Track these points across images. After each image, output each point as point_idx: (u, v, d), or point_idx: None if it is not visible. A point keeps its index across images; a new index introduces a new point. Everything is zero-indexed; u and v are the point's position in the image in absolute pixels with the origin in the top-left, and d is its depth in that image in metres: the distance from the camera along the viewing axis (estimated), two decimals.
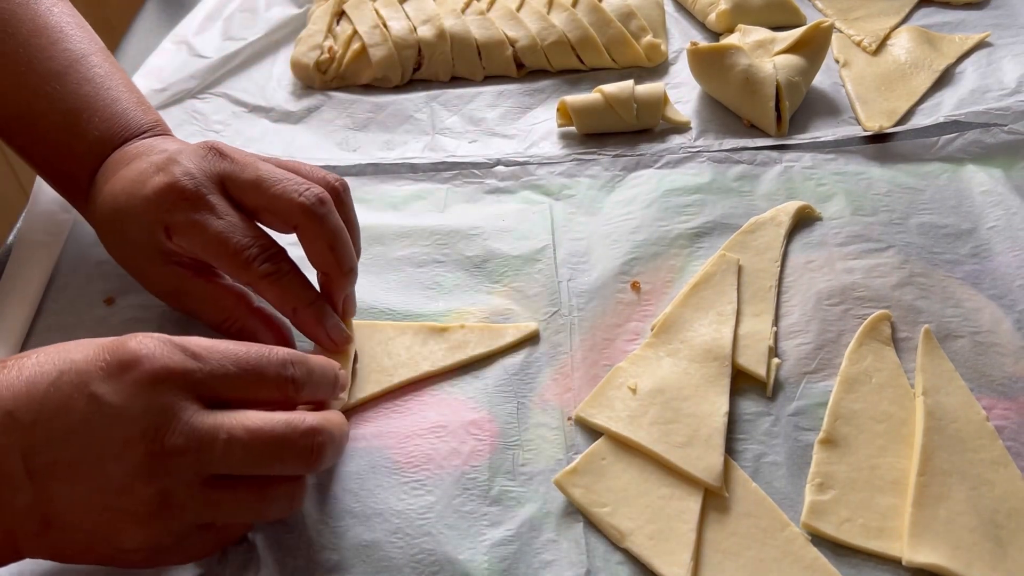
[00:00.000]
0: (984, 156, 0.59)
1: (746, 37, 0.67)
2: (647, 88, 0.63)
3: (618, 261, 0.54)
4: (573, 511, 0.43)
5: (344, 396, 0.45)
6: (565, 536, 0.42)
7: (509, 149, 0.63)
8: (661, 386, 0.46)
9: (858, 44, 0.70)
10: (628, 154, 0.61)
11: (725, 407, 0.45)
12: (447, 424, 0.46)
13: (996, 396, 0.46)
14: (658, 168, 0.60)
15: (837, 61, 0.68)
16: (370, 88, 0.70)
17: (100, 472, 0.35)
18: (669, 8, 0.76)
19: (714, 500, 0.42)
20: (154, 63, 0.72)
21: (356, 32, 0.71)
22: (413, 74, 0.70)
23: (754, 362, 0.47)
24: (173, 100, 0.68)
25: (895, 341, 0.48)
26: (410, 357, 0.49)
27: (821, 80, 0.66)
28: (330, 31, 0.72)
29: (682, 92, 0.67)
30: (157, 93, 0.68)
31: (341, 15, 0.74)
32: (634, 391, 0.46)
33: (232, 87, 0.70)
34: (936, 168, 0.58)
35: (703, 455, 0.43)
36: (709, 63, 0.64)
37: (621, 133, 0.63)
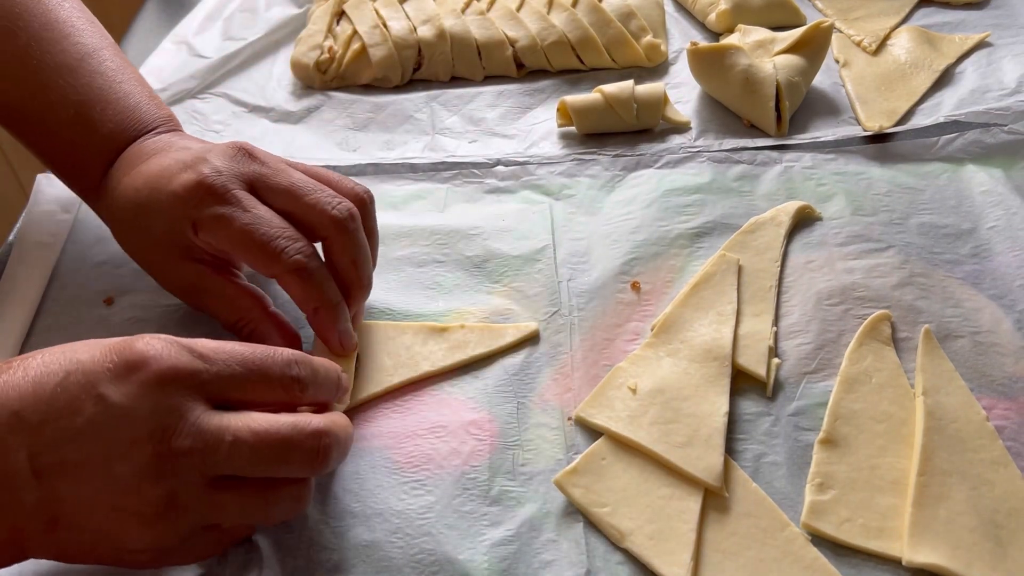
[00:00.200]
0: (984, 156, 0.59)
1: (746, 37, 0.67)
2: (647, 88, 0.63)
3: (618, 261, 0.54)
4: (573, 511, 0.43)
5: (347, 399, 0.45)
6: (565, 536, 0.42)
7: (509, 149, 0.63)
8: (661, 386, 0.46)
9: (858, 44, 0.70)
10: (628, 154, 0.61)
11: (725, 407, 0.45)
12: (447, 424, 0.46)
13: (996, 396, 0.46)
14: (658, 168, 0.60)
15: (837, 61, 0.68)
16: (370, 88, 0.70)
17: (107, 472, 0.35)
18: (669, 8, 0.76)
19: (714, 500, 0.42)
20: (154, 63, 0.72)
21: (356, 32, 0.71)
22: (413, 74, 0.70)
23: (754, 362, 0.47)
24: (173, 100, 0.68)
25: (895, 341, 0.48)
26: (410, 357, 0.49)
27: (821, 80, 0.66)
28: (330, 31, 0.72)
29: (682, 92, 0.67)
30: (157, 93, 0.68)
31: (341, 15, 0.74)
32: (634, 391, 0.46)
33: (232, 87, 0.70)
34: (936, 168, 0.58)
35: (703, 455, 0.43)
36: (709, 63, 0.64)
37: (621, 133, 0.63)
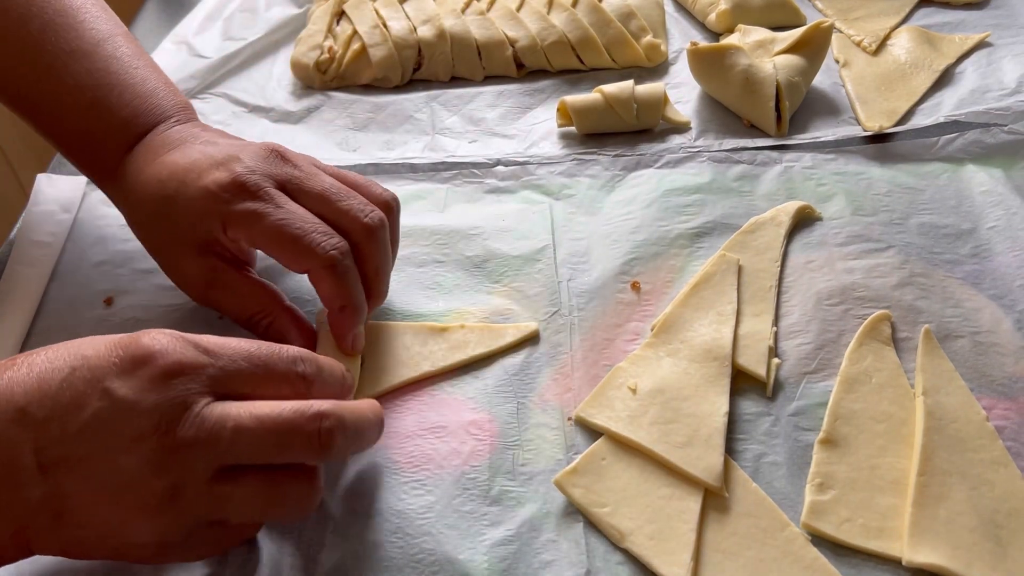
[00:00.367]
0: (984, 156, 0.59)
1: (746, 37, 0.67)
2: (647, 88, 0.63)
3: (618, 261, 0.54)
4: (573, 511, 0.43)
5: (350, 398, 0.45)
6: (565, 536, 0.42)
7: (509, 149, 0.63)
8: (661, 386, 0.46)
9: (858, 44, 0.69)
10: (628, 154, 0.61)
11: (725, 407, 0.45)
12: (447, 424, 0.46)
13: (996, 396, 0.46)
14: (658, 168, 0.60)
15: (837, 61, 0.68)
16: (370, 88, 0.70)
17: (112, 466, 0.35)
18: (669, 8, 0.76)
19: (714, 500, 0.42)
20: None
21: (356, 32, 0.71)
22: (413, 74, 0.70)
23: (754, 362, 0.47)
24: None
25: (895, 341, 0.48)
26: (410, 357, 0.49)
27: (821, 80, 0.66)
28: (330, 31, 0.72)
29: (682, 92, 0.67)
30: None
31: (341, 15, 0.74)
32: (634, 391, 0.46)
33: (232, 87, 0.70)
34: (936, 168, 0.58)
35: (703, 455, 0.43)
36: (709, 63, 0.64)
37: (621, 133, 0.63)
